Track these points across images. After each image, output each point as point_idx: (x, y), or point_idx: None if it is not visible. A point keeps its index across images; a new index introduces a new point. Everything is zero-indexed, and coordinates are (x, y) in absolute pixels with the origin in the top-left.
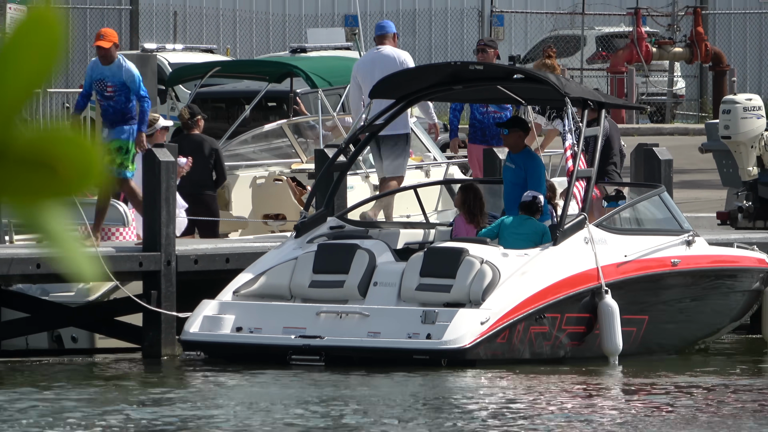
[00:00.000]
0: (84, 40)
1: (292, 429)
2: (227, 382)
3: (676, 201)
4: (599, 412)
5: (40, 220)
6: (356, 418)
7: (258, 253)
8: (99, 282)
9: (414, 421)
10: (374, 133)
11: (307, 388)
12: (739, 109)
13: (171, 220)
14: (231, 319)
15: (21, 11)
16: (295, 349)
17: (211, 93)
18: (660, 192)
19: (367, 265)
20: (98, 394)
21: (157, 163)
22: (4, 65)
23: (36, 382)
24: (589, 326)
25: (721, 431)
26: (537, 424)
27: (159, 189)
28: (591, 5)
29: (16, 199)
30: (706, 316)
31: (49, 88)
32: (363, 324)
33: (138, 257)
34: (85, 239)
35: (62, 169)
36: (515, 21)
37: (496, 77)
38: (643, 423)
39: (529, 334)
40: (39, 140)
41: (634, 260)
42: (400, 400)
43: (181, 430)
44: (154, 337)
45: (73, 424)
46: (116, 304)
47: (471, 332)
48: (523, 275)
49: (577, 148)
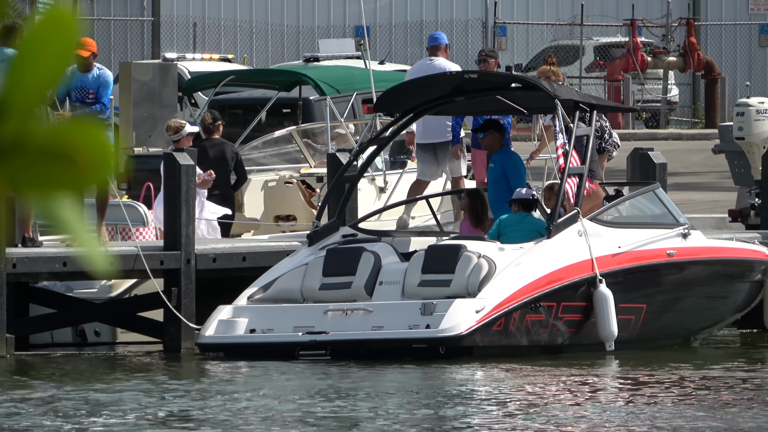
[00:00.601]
0: (108, 50)
1: (301, 415)
2: (243, 374)
3: None
4: (595, 403)
5: (58, 211)
6: (363, 406)
7: (272, 252)
8: (121, 279)
9: (416, 412)
10: (382, 145)
11: (310, 378)
12: (753, 111)
13: (190, 221)
14: (245, 322)
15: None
16: (302, 345)
17: (229, 100)
18: (655, 188)
19: (372, 266)
20: (123, 384)
21: (178, 166)
22: (24, 62)
23: (62, 374)
24: (585, 314)
25: (717, 421)
26: (535, 413)
27: (179, 191)
28: (589, 16)
29: (37, 189)
30: (707, 307)
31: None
32: (367, 319)
33: (159, 256)
34: (101, 237)
35: (80, 159)
36: (517, 31)
37: (492, 86)
38: (640, 413)
39: (526, 322)
40: (57, 133)
41: (629, 251)
42: (405, 389)
43: (199, 418)
44: (175, 331)
45: (100, 413)
46: (138, 300)
47: (467, 320)
48: (518, 266)
49: (568, 147)
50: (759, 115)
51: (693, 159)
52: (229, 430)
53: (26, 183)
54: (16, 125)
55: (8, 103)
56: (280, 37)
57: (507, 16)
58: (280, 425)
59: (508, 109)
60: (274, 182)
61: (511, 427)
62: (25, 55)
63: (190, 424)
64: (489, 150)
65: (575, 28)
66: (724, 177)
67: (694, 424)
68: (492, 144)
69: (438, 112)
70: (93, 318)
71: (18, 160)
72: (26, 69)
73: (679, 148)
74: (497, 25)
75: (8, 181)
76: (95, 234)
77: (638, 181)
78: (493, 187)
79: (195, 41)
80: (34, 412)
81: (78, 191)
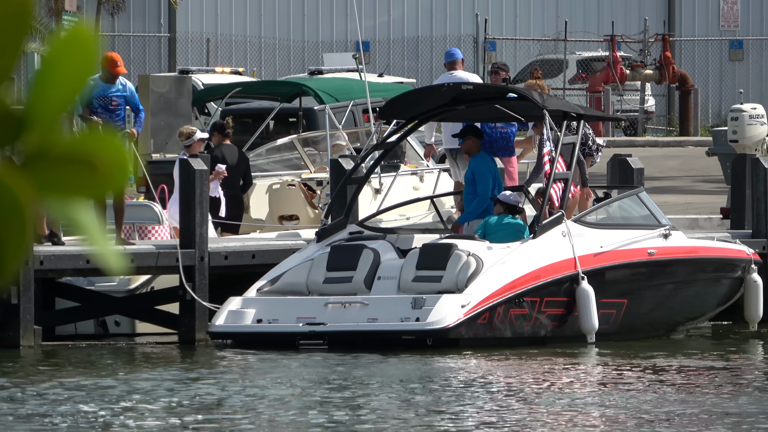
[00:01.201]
0: (128, 63)
1: (305, 401)
2: (250, 364)
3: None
4: (577, 390)
5: (78, 216)
6: (357, 393)
7: (280, 249)
8: (139, 275)
9: (408, 399)
10: (387, 150)
11: (313, 366)
12: (746, 116)
13: (204, 221)
14: (252, 313)
15: (71, 23)
16: (302, 335)
17: (239, 109)
18: (638, 192)
19: (372, 262)
20: (141, 372)
21: (192, 171)
22: (48, 76)
23: (87, 363)
24: (568, 309)
25: (696, 406)
26: (521, 400)
27: (194, 194)
28: (572, 33)
29: (60, 194)
30: (689, 302)
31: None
32: (363, 312)
33: (175, 254)
34: (118, 237)
35: (101, 166)
36: (506, 46)
37: (489, 96)
38: (621, 401)
39: (510, 316)
40: (79, 141)
41: (611, 251)
42: (395, 378)
43: (210, 405)
44: (190, 324)
45: (119, 398)
46: (156, 294)
47: (452, 314)
48: (503, 264)
49: (555, 154)
50: (752, 120)
51: (668, 164)
52: (243, 414)
53: (50, 188)
54: (40, 135)
55: (33, 114)
56: (287, 51)
57: (496, 32)
58: (287, 409)
59: (505, 117)
60: (278, 185)
61: (497, 411)
62: (49, 69)
63: (202, 409)
64: (467, 153)
65: (559, 43)
66: (696, 181)
67: (671, 408)
68: (470, 148)
69: (443, 119)
70: (113, 311)
71: (42, 168)
72: (49, 83)
73: (656, 154)
74: (487, 40)
75: (34, 186)
76: (111, 235)
77: (625, 185)
78: (466, 189)
79: (208, 55)
80: (58, 399)
81: (99, 196)
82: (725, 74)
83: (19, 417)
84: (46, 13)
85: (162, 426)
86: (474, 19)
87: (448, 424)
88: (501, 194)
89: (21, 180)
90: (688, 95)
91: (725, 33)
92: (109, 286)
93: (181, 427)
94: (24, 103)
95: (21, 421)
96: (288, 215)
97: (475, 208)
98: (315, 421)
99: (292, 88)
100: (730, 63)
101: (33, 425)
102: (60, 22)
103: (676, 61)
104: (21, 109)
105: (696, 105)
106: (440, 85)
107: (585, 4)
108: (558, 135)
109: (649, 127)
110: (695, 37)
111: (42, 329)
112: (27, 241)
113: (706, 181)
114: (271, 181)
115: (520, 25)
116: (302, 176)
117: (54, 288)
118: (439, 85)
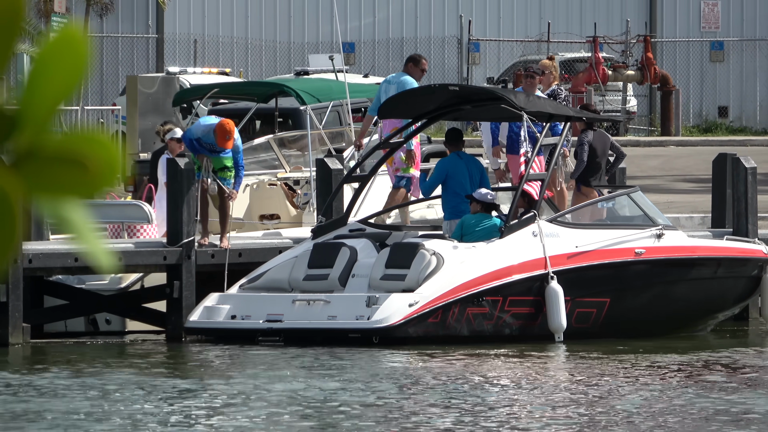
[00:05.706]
0: (116, 64)
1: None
2: (225, 360)
3: None
4: (547, 385)
5: (68, 214)
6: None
7: (266, 248)
8: (130, 274)
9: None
10: (394, 149)
11: (268, 362)
12: None
13: (191, 220)
14: (227, 309)
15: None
16: (261, 332)
17: (227, 110)
18: (631, 192)
19: (347, 260)
20: (129, 369)
21: (180, 171)
22: (39, 77)
23: (76, 360)
24: (537, 308)
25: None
26: (480, 398)
27: (181, 193)
28: (555, 34)
29: (50, 193)
30: (689, 302)
31: (86, 105)
32: (325, 309)
33: (162, 252)
34: (104, 235)
35: (91, 165)
36: (489, 48)
37: (475, 98)
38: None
39: (467, 315)
40: (70, 141)
41: (590, 251)
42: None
43: (194, 397)
44: (177, 321)
45: (109, 393)
46: (144, 292)
47: (398, 313)
48: (462, 264)
49: (531, 155)
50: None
51: (650, 164)
52: (220, 410)
53: (40, 187)
54: (30, 135)
55: (24, 114)
56: (273, 52)
57: (480, 34)
58: (267, 403)
59: (507, 116)
60: (256, 185)
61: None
62: (40, 70)
63: (185, 403)
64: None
65: (542, 44)
66: (677, 180)
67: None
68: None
69: (456, 118)
70: (102, 309)
71: (33, 167)
72: (40, 84)
73: (638, 153)
74: (471, 41)
75: (24, 185)
76: (99, 234)
77: (622, 185)
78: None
79: (195, 56)
80: (47, 396)
81: (89, 194)
82: (706, 75)
83: (4, 414)
84: (35, 14)
85: (150, 420)
86: (458, 21)
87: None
88: (476, 192)
89: (11, 179)
90: (670, 96)
91: (706, 34)
92: (100, 285)
93: (171, 423)
94: (15, 103)
95: (7, 419)
96: (269, 214)
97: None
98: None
99: (269, 88)
100: (711, 64)
101: (20, 423)
102: (49, 24)
103: (657, 62)
104: (12, 109)
105: (677, 105)
106: (429, 86)
107: (568, 6)
108: (537, 137)
109: (630, 127)
110: (676, 38)
111: (30, 327)
112: (17, 240)
113: (687, 180)
114: (249, 180)
115: (504, 26)
116: (278, 176)
117: (43, 286)
118: (428, 86)
